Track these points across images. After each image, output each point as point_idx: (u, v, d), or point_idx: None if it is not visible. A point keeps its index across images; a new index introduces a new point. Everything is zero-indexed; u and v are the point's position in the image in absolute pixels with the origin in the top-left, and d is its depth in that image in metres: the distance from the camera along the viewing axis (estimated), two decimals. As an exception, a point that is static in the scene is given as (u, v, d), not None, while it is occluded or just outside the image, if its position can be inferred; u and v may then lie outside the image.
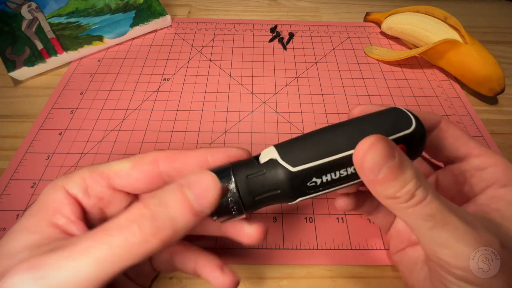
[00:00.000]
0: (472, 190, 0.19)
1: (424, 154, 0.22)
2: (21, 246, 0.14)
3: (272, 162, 0.16)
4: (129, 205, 0.18)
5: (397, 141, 0.15)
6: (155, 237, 0.13)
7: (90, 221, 0.18)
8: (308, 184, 0.15)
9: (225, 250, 0.24)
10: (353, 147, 0.15)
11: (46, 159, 0.29)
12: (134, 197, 0.19)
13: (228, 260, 0.24)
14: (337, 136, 0.16)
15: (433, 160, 0.23)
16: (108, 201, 0.18)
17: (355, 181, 0.16)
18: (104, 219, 0.19)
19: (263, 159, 0.16)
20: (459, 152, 0.20)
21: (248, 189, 0.15)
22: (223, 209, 0.16)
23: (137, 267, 0.17)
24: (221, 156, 0.17)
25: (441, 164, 0.23)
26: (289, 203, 0.17)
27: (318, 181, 0.15)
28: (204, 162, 0.17)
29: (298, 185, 0.15)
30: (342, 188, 0.16)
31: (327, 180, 0.15)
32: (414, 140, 0.16)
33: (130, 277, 0.20)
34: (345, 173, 0.15)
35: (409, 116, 0.16)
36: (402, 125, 0.16)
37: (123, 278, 0.20)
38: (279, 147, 0.16)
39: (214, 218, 0.16)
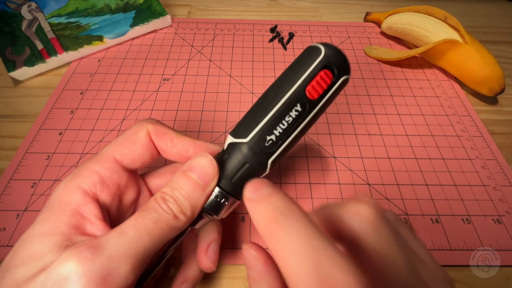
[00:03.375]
0: None
1: None
2: (48, 248, 0.14)
3: (230, 145, 0.18)
4: (139, 192, 0.20)
5: (316, 69, 0.17)
6: (181, 213, 0.16)
7: (110, 217, 0.18)
8: (266, 144, 0.17)
9: (224, 250, 0.24)
10: (283, 96, 0.17)
11: (46, 159, 0.29)
12: (142, 183, 0.20)
13: (228, 260, 0.24)
14: (268, 95, 0.17)
15: None
16: (125, 187, 0.18)
17: (305, 121, 0.17)
18: (123, 213, 0.19)
19: (224, 147, 0.18)
20: None
21: (222, 174, 0.17)
22: (214, 205, 0.17)
23: None
24: (203, 149, 0.19)
25: None
26: (266, 172, 0.18)
27: (273, 137, 0.17)
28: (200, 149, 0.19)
29: (258, 149, 0.17)
30: (297, 133, 0.17)
31: (279, 132, 0.17)
32: (332, 63, 0.17)
33: None
34: (290, 119, 0.17)
35: (318, 46, 0.17)
36: (315, 56, 0.17)
37: None
38: (231, 131, 0.18)
39: (214, 216, 0.18)
